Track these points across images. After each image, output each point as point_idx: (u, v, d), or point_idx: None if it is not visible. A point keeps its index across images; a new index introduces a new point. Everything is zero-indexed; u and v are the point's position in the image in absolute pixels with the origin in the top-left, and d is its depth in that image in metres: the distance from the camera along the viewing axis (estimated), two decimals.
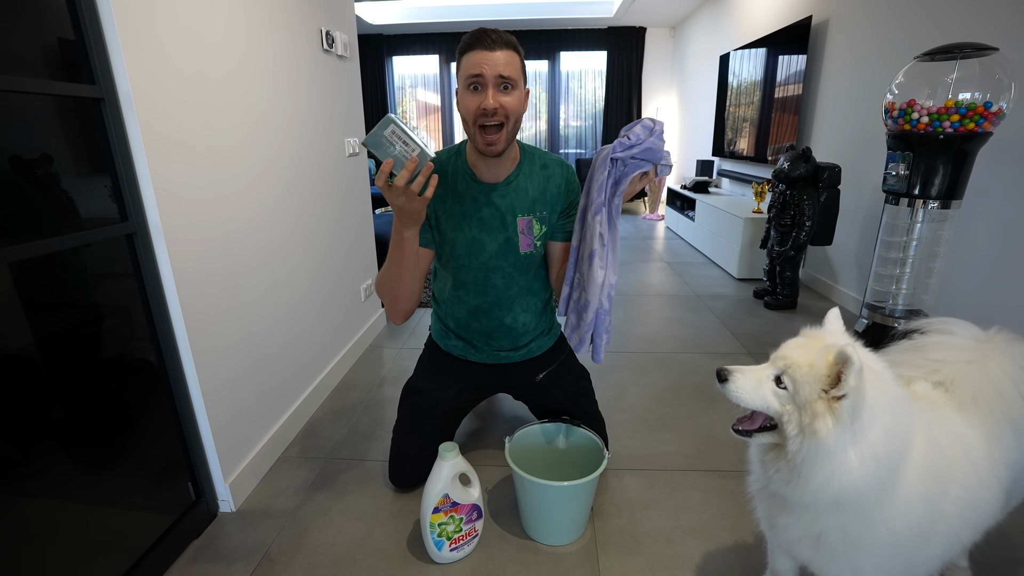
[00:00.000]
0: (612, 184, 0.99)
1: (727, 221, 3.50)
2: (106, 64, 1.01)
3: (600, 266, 1.03)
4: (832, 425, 0.67)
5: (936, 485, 0.73)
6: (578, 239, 1.09)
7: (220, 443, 1.30)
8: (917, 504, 0.71)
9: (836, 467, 0.68)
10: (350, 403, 1.86)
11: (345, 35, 2.07)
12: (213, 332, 1.28)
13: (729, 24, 4.61)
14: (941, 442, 0.76)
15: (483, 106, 1.05)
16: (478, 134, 1.09)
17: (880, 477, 0.68)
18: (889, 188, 1.89)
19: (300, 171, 1.73)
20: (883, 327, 1.94)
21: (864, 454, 0.67)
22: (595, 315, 1.05)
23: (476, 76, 1.05)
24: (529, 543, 1.22)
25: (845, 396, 0.67)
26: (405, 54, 6.71)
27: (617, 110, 6.64)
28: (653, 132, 0.96)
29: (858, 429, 0.67)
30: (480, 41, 1.04)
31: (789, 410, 0.72)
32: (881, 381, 0.70)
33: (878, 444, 0.68)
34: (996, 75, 1.62)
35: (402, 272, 1.11)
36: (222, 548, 1.22)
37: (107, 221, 1.06)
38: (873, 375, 0.70)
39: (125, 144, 1.06)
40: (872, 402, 0.68)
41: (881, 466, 0.68)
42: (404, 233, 1.04)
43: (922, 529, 0.72)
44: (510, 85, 1.07)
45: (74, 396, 1.02)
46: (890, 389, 0.70)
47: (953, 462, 0.75)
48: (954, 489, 0.74)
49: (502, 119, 1.08)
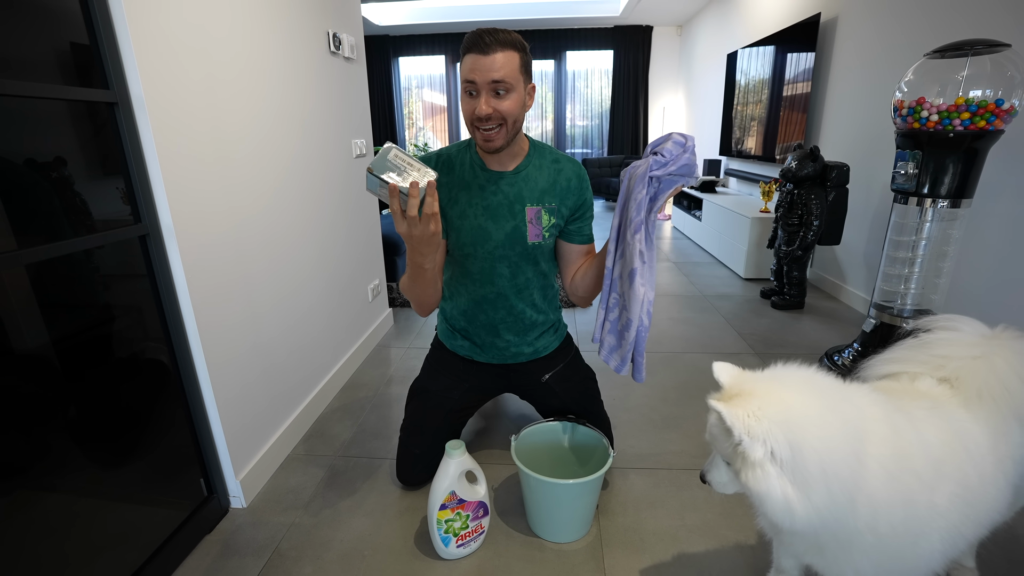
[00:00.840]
0: (649, 201, 1.00)
1: (734, 221, 3.49)
2: (119, 69, 1.03)
3: (641, 284, 1.03)
4: (747, 472, 0.70)
5: (918, 485, 0.72)
6: (614, 259, 1.09)
7: (231, 440, 1.32)
8: (897, 507, 0.71)
9: (784, 505, 0.68)
10: (358, 402, 1.88)
11: (352, 37, 2.09)
12: (225, 332, 1.30)
13: (736, 22, 4.59)
14: (930, 441, 0.75)
15: (476, 112, 1.07)
16: (476, 132, 1.12)
17: (832, 495, 0.68)
18: (898, 187, 1.87)
19: (308, 172, 1.75)
20: (891, 327, 1.93)
21: (806, 482, 0.68)
22: (636, 333, 1.06)
23: (469, 83, 1.07)
24: (535, 540, 1.23)
25: (740, 443, 0.69)
26: (411, 55, 6.75)
27: (624, 109, 6.63)
28: (686, 148, 0.96)
29: (786, 462, 0.68)
30: (475, 45, 1.04)
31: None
32: (789, 407, 0.70)
33: (812, 466, 0.67)
34: (1008, 72, 1.60)
35: (426, 289, 1.21)
36: (234, 543, 1.24)
37: (119, 223, 1.08)
38: (777, 405, 0.70)
39: (138, 147, 1.08)
40: (779, 433, 0.68)
41: (830, 484, 0.68)
42: (424, 265, 1.10)
43: (909, 528, 0.73)
44: (504, 89, 1.07)
45: (88, 394, 1.05)
46: (804, 410, 0.70)
47: (944, 460, 0.75)
48: (949, 486, 0.74)
49: (498, 123, 1.09)
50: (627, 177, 1.02)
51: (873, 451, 0.71)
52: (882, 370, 0.96)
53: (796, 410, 0.70)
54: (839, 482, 0.68)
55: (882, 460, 0.71)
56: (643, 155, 1.02)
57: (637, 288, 1.03)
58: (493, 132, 1.10)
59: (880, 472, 0.71)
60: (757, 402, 0.71)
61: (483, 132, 1.10)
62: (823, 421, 0.70)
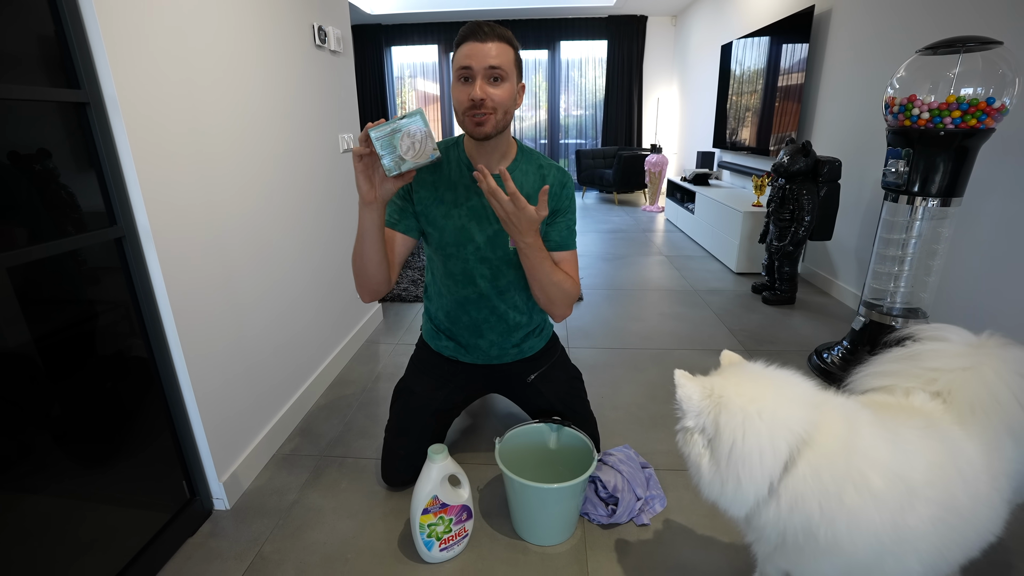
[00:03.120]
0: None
1: (726, 214, 3.48)
2: (91, 67, 1.00)
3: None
4: (683, 433, 0.81)
5: (873, 504, 0.72)
6: None
7: (214, 441, 1.31)
8: (813, 509, 0.74)
9: (693, 469, 0.80)
10: (345, 399, 1.87)
11: (338, 29, 2.05)
12: (205, 331, 1.28)
13: (731, 13, 4.54)
14: (910, 463, 0.74)
15: (471, 96, 1.06)
16: (467, 119, 1.10)
17: (738, 482, 0.74)
18: (888, 185, 1.87)
19: (292, 169, 1.72)
20: (880, 325, 1.93)
21: (717, 460, 0.76)
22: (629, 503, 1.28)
23: (466, 68, 1.06)
24: (519, 543, 1.22)
25: (676, 407, 0.79)
26: (404, 44, 6.66)
27: (617, 100, 6.58)
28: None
29: (708, 436, 0.77)
30: (473, 34, 1.06)
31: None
32: (740, 401, 0.75)
33: (724, 450, 0.74)
34: (1000, 70, 1.59)
35: (365, 249, 1.12)
36: (216, 546, 1.23)
37: (94, 226, 1.05)
38: (732, 395, 0.76)
39: (112, 148, 1.05)
40: (717, 415, 0.76)
41: (740, 474, 0.74)
42: (361, 210, 1.08)
43: (867, 545, 0.73)
44: (500, 77, 1.07)
45: (68, 394, 1.03)
46: (747, 407, 0.75)
47: (927, 483, 0.73)
48: (928, 508, 0.72)
49: (490, 110, 1.08)
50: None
51: (811, 460, 0.73)
52: (873, 383, 0.94)
53: (740, 400, 0.75)
54: (748, 473, 0.73)
55: (818, 470, 0.73)
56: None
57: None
58: (485, 117, 1.09)
59: (810, 481, 0.73)
60: (716, 382, 0.79)
61: (475, 117, 1.09)
62: (759, 417, 0.74)
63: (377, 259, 1.13)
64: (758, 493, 0.74)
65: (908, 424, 0.80)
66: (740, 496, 0.75)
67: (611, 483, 1.29)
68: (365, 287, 1.19)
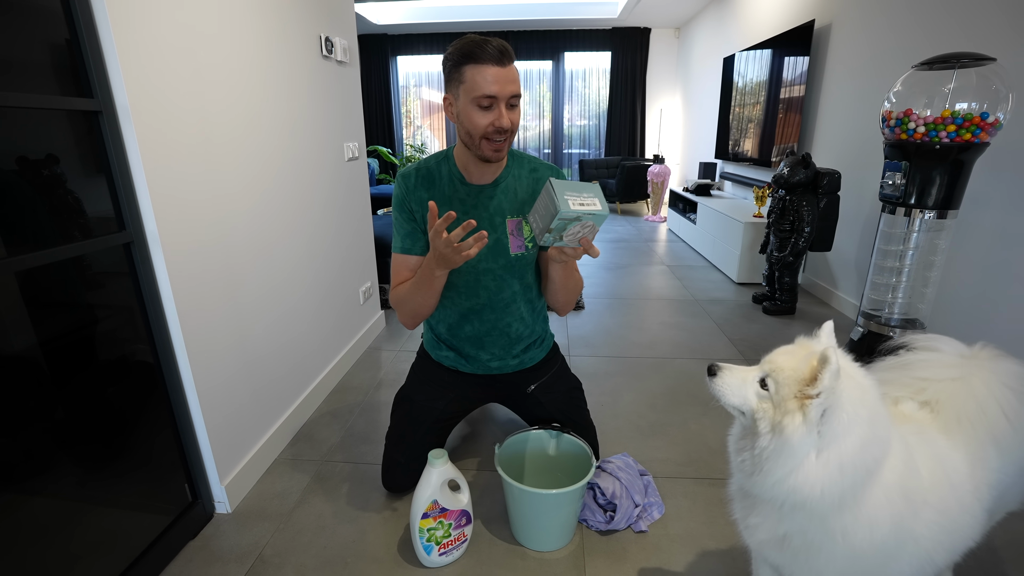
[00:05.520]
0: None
1: (728, 225, 3.50)
2: (104, 77, 1.03)
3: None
4: (799, 423, 0.68)
5: (907, 508, 0.73)
6: None
7: (216, 445, 1.32)
8: (883, 524, 0.71)
9: (794, 466, 0.69)
10: (347, 406, 1.88)
11: (345, 40, 2.09)
12: (210, 336, 1.30)
13: (734, 26, 4.59)
14: (920, 466, 0.76)
15: (498, 125, 1.07)
16: (484, 144, 1.11)
17: (842, 487, 0.69)
18: (885, 197, 1.89)
19: (298, 178, 1.75)
20: (878, 335, 1.94)
21: (829, 460, 0.68)
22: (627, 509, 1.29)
23: (490, 97, 1.05)
24: (518, 548, 1.23)
25: (818, 395, 0.67)
26: (410, 54, 6.73)
27: (621, 111, 6.63)
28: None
29: (827, 434, 0.68)
30: (493, 57, 1.03)
31: (765, 408, 0.73)
32: (864, 393, 0.70)
33: (847, 454, 0.68)
34: (993, 85, 1.62)
35: (428, 299, 1.21)
36: (217, 549, 1.24)
37: (105, 228, 1.08)
38: (855, 386, 0.70)
39: (123, 155, 1.08)
40: (850, 410, 0.68)
41: (845, 476, 0.68)
42: (436, 272, 1.12)
43: (886, 548, 0.73)
44: (517, 101, 1.10)
45: (72, 398, 1.05)
46: (872, 404, 0.71)
47: (930, 486, 0.75)
48: (929, 513, 0.74)
49: (511, 135, 1.12)
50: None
51: (890, 464, 0.72)
52: None
53: (878, 405, 0.71)
54: (853, 477, 0.69)
55: (892, 477, 0.72)
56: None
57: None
58: (503, 143, 1.12)
59: (885, 487, 0.72)
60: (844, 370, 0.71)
61: (496, 143, 1.11)
62: (886, 425, 0.71)
63: (435, 303, 1.24)
64: (840, 499, 0.70)
65: (905, 429, 0.81)
66: (827, 501, 0.70)
67: (609, 490, 1.30)
68: (420, 316, 1.27)
